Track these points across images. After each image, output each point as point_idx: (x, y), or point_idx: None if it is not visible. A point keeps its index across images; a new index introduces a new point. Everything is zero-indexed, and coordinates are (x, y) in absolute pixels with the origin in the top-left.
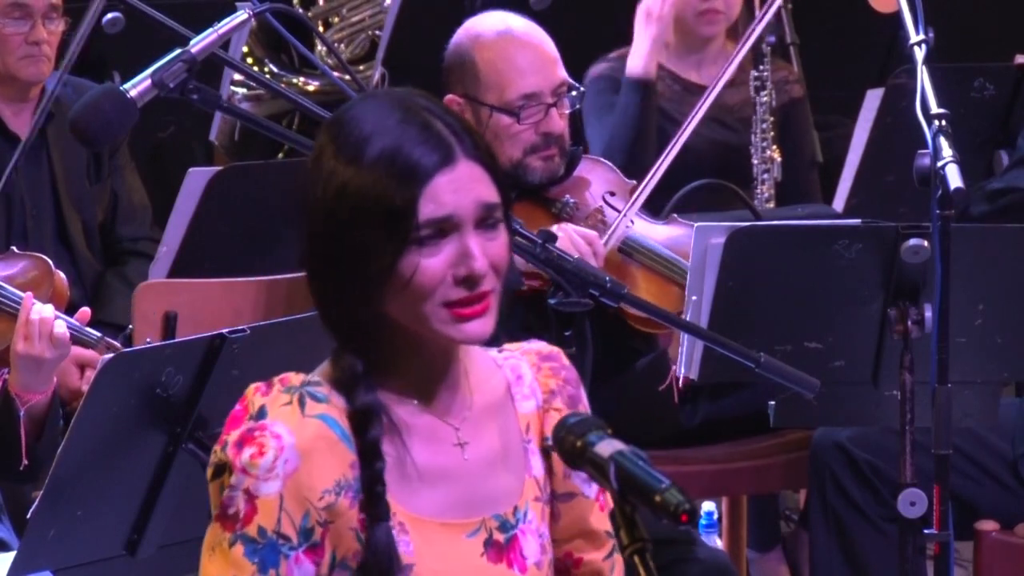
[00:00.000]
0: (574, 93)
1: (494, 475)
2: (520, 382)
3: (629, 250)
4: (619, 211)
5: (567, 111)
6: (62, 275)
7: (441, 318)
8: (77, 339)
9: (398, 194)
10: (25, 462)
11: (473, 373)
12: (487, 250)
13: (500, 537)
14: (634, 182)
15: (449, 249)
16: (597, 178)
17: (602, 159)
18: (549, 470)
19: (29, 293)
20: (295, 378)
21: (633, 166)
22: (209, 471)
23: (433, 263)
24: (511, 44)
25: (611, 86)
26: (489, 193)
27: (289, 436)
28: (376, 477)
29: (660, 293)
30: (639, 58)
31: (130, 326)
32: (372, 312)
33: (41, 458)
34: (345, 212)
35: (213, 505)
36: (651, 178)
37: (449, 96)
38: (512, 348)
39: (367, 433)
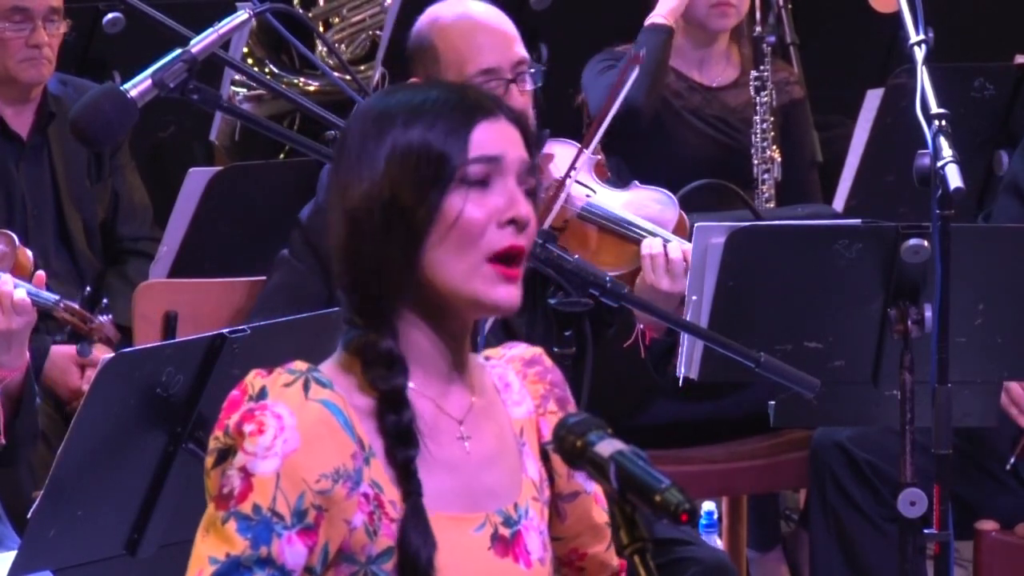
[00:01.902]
0: (534, 71)
1: (493, 470)
2: (509, 390)
3: (587, 216)
4: (582, 184)
5: (528, 88)
6: (27, 251)
7: (484, 274)
8: (34, 303)
9: (445, 136)
10: (3, 441)
11: (472, 372)
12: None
13: (505, 532)
14: (600, 157)
15: (495, 196)
16: (561, 155)
17: (568, 140)
18: (550, 473)
19: None
20: (300, 364)
21: (646, 99)
22: (210, 459)
23: (480, 205)
24: (469, 24)
25: (612, 57)
26: (529, 158)
27: (290, 417)
28: (410, 459)
29: (618, 251)
30: (666, 7)
31: (88, 287)
32: (410, 277)
33: (20, 437)
34: (396, 162)
35: (211, 492)
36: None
37: (412, 81)
38: (495, 356)
39: (401, 415)
